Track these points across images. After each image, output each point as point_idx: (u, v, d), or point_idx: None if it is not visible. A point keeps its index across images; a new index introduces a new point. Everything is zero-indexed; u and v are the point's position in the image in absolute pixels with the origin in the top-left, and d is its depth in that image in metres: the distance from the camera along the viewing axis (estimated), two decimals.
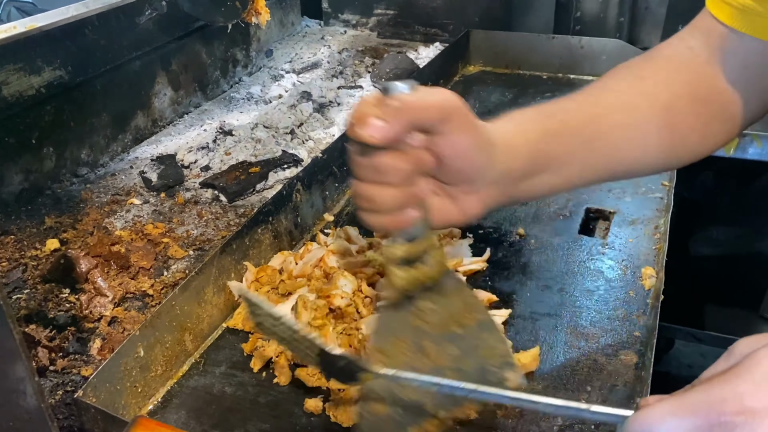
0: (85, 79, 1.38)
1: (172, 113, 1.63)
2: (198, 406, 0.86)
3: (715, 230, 2.03)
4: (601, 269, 1.07)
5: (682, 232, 1.99)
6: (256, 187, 1.23)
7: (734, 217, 1.96)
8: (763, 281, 1.87)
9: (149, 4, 1.25)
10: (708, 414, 0.44)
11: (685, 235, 2.03)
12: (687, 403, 0.45)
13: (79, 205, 1.22)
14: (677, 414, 0.45)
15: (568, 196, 1.27)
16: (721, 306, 2.00)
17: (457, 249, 1.09)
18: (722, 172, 1.84)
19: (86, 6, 1.09)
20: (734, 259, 1.96)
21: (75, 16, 1.06)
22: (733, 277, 1.94)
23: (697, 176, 1.90)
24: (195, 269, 0.94)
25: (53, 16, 1.06)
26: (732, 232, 2.03)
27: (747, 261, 1.94)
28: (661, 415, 0.46)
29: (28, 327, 0.91)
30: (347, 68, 1.81)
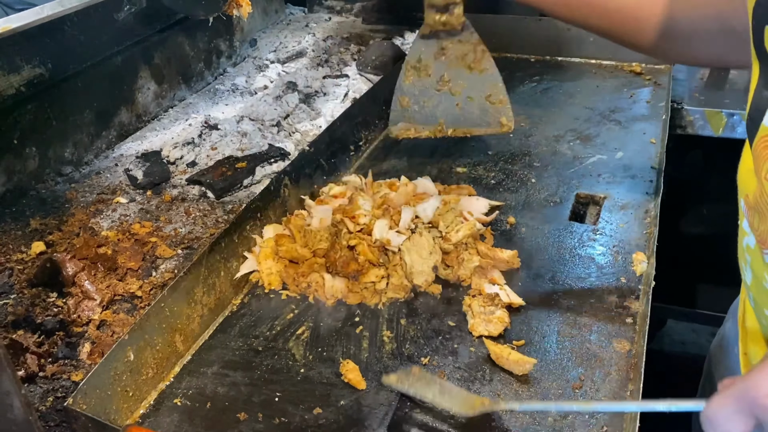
0: (65, 77, 1.36)
1: (156, 107, 1.61)
2: (191, 408, 0.85)
3: (705, 208, 2.03)
4: (593, 256, 1.07)
5: (672, 212, 1.99)
6: (243, 183, 1.21)
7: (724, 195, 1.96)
8: None
9: (128, 0, 1.23)
10: (746, 399, 0.52)
11: (675, 215, 2.03)
12: (731, 392, 0.53)
13: (65, 206, 1.20)
14: (725, 404, 0.53)
15: (558, 182, 1.27)
16: (713, 284, 2.00)
17: (472, 201, 1.14)
18: (711, 150, 1.83)
19: (61, 5, 1.06)
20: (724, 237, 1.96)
21: (51, 16, 1.03)
22: (724, 256, 1.94)
23: (687, 155, 1.90)
24: (184, 269, 0.93)
25: (29, 16, 1.03)
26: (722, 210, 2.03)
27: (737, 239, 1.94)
28: (717, 405, 0.54)
29: (16, 333, 0.90)
30: (332, 56, 1.79)
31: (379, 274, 0.95)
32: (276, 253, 0.99)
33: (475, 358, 0.89)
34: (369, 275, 0.94)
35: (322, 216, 1.01)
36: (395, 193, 1.07)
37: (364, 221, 0.98)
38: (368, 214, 0.99)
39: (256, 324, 0.98)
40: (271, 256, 0.99)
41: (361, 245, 0.96)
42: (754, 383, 0.51)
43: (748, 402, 0.51)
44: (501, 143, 1.42)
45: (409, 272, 0.97)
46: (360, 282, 0.95)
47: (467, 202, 1.09)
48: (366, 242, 0.96)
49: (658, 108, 1.51)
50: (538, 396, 0.83)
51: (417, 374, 0.81)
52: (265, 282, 0.99)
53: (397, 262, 0.97)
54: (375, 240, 0.97)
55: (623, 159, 1.32)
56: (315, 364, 0.90)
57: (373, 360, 0.90)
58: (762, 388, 0.51)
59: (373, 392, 0.85)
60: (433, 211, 1.02)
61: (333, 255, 0.96)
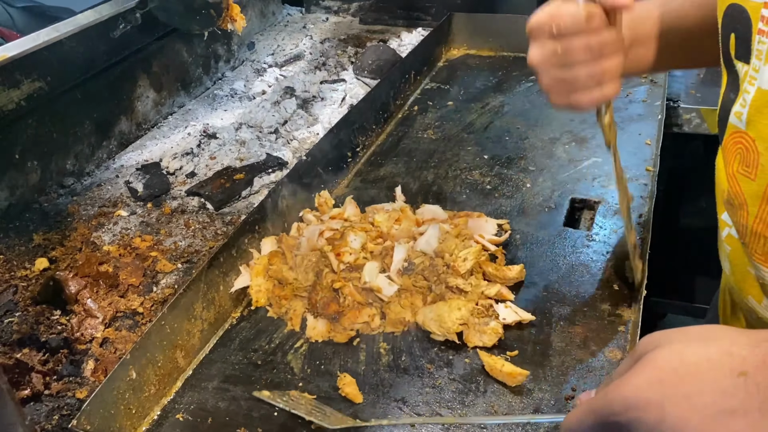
0: (65, 89, 1.38)
1: (156, 115, 1.63)
2: (192, 424, 0.87)
3: (704, 201, 2.04)
4: (586, 263, 1.08)
5: (672, 204, 2.00)
6: (241, 194, 1.23)
7: None
8: None
9: (123, 18, 1.24)
10: (602, 414, 0.51)
11: (675, 207, 2.04)
12: (590, 406, 0.53)
13: (67, 219, 1.22)
14: (582, 417, 0.53)
15: (553, 186, 1.28)
16: (711, 277, 2.01)
17: (481, 224, 1.12)
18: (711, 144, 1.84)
19: (57, 30, 1.08)
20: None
21: (47, 41, 1.05)
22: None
23: (687, 147, 1.90)
24: (183, 285, 0.95)
25: (25, 43, 1.05)
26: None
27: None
28: (575, 418, 0.54)
29: (21, 352, 0.92)
30: (330, 59, 1.80)
31: (370, 313, 0.96)
32: (266, 271, 1.00)
33: (470, 369, 0.91)
34: (361, 315, 0.95)
35: (309, 237, 1.02)
36: (397, 227, 1.05)
37: (348, 260, 0.97)
38: (355, 252, 0.98)
39: (255, 337, 1.00)
40: (262, 273, 1.00)
41: (346, 287, 0.96)
42: (612, 400, 0.51)
43: (605, 418, 0.51)
44: (497, 146, 1.43)
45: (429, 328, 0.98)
46: (346, 322, 0.95)
47: (476, 225, 1.09)
48: (353, 282, 0.96)
49: (654, 107, 1.52)
50: (530, 408, 0.85)
51: (293, 394, 0.88)
52: (253, 298, 1.01)
53: (393, 299, 0.98)
54: (364, 282, 0.96)
55: None
56: (313, 378, 0.92)
57: (369, 373, 0.92)
58: (618, 404, 0.50)
59: (370, 405, 0.87)
60: (436, 241, 1.02)
61: (314, 296, 0.96)
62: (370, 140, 1.47)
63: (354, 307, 0.95)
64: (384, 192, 1.31)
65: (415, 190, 1.31)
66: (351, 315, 0.94)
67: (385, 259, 0.98)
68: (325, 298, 0.94)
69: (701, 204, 2.06)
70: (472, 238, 1.05)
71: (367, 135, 1.46)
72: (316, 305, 0.96)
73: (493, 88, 1.70)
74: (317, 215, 1.13)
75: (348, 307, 0.95)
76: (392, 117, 1.58)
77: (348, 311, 0.95)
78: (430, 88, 1.72)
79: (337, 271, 0.97)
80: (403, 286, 0.96)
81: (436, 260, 1.00)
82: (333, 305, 0.94)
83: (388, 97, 1.56)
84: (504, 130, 1.50)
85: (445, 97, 1.67)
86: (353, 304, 0.95)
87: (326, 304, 0.94)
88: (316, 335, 0.96)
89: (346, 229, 1.00)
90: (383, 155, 1.44)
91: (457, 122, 1.55)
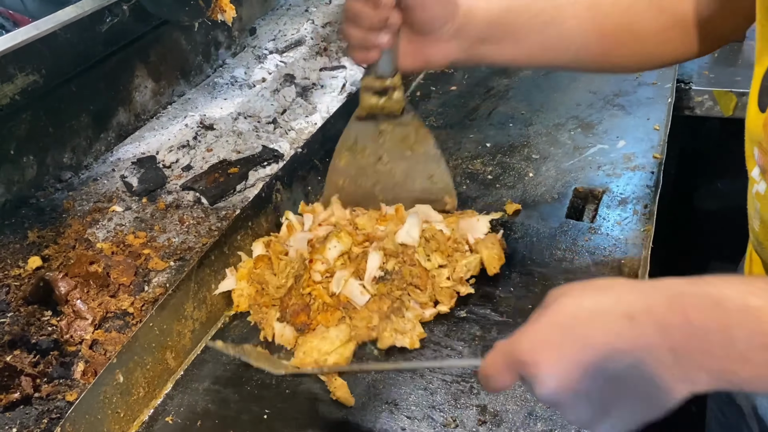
0: (60, 82, 1.35)
1: (155, 105, 1.61)
2: (182, 427, 0.86)
3: (720, 183, 1.98)
4: (588, 257, 1.05)
5: (686, 187, 1.94)
6: (236, 188, 1.21)
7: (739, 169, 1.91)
8: None
9: (109, 12, 1.21)
10: (511, 356, 0.58)
11: (689, 190, 1.99)
12: (500, 349, 0.60)
13: (62, 216, 1.21)
14: (495, 359, 0.60)
15: (557, 175, 1.24)
16: (726, 262, 1.97)
17: (473, 224, 1.08)
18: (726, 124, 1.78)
19: (37, 28, 1.05)
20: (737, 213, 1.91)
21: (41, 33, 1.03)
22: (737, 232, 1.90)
23: (701, 128, 1.85)
24: (173, 286, 0.94)
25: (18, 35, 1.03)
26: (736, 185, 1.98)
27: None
28: (489, 362, 0.60)
29: (12, 354, 0.92)
30: (331, 44, 1.76)
31: (339, 317, 0.93)
32: (250, 275, 0.98)
33: (462, 370, 0.89)
34: (332, 319, 0.92)
35: (297, 246, 0.99)
36: (382, 228, 1.02)
37: (319, 268, 0.94)
38: (326, 261, 0.95)
39: (248, 337, 0.98)
40: (246, 277, 0.98)
41: (315, 290, 0.93)
42: (518, 342, 0.57)
43: (512, 358, 0.57)
44: (500, 134, 1.39)
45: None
46: (311, 332, 0.93)
47: (466, 225, 1.05)
48: (322, 285, 0.94)
49: (664, 90, 1.47)
50: (524, 411, 0.82)
51: (246, 347, 0.89)
52: (234, 302, 0.99)
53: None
54: (331, 293, 0.93)
55: (625, 148, 1.29)
56: (304, 380, 0.90)
57: (361, 374, 0.90)
58: (523, 345, 0.57)
59: (361, 408, 0.85)
60: (418, 231, 0.99)
61: (287, 300, 0.94)
62: None
63: (324, 310, 0.93)
64: None
65: None
66: (321, 318, 0.92)
67: (361, 264, 0.95)
68: (296, 305, 0.92)
69: (716, 186, 2.00)
70: (464, 240, 1.02)
71: None
72: (286, 310, 0.94)
73: (498, 71, 1.65)
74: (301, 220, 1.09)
75: (317, 311, 0.93)
76: None
77: (317, 316, 0.92)
78: (434, 72, 1.68)
79: (315, 279, 0.94)
80: (378, 293, 0.93)
81: (412, 269, 0.96)
82: (302, 315, 0.91)
83: None
84: (508, 116, 1.46)
85: (449, 82, 1.63)
86: (323, 307, 0.93)
87: (296, 312, 0.92)
88: (284, 342, 0.94)
89: (329, 235, 0.97)
90: None
91: (460, 108, 1.51)
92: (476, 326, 0.95)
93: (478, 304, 0.98)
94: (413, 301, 0.96)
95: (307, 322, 0.92)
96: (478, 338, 0.93)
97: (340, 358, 0.90)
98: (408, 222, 1.01)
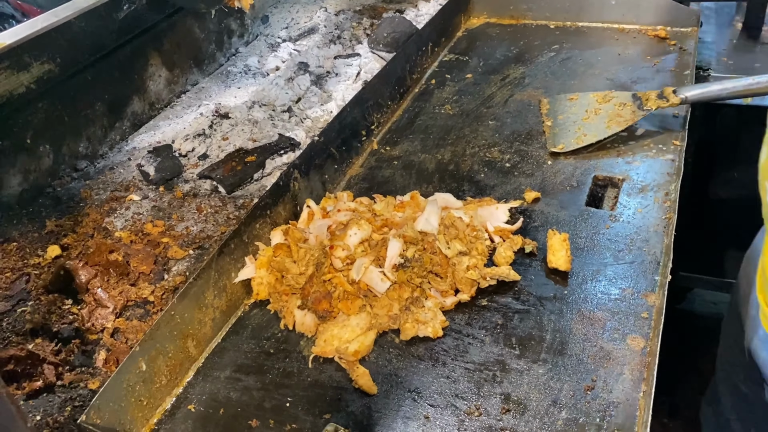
0: (75, 71, 1.35)
1: (169, 94, 1.60)
2: (204, 414, 0.86)
3: (735, 171, 1.96)
4: (608, 245, 1.04)
5: (701, 175, 1.92)
6: (253, 177, 1.21)
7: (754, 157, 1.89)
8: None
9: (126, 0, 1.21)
10: None
11: (704, 178, 1.97)
12: None
13: (79, 205, 1.21)
14: None
15: (576, 163, 1.23)
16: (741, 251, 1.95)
17: (492, 211, 1.09)
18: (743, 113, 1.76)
19: (56, 15, 1.05)
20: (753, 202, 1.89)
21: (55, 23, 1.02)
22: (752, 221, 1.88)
23: (717, 116, 1.83)
24: (193, 274, 0.94)
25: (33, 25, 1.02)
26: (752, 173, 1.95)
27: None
28: None
29: (34, 342, 0.92)
30: (345, 32, 1.75)
31: (361, 304, 0.93)
32: (270, 263, 0.98)
33: (486, 358, 0.88)
34: (353, 307, 0.92)
35: (317, 233, 0.99)
36: (400, 215, 1.02)
37: (340, 255, 0.94)
38: (347, 248, 0.95)
39: (268, 325, 0.98)
40: (266, 265, 0.98)
41: (336, 278, 0.93)
42: None
43: None
44: (517, 122, 1.38)
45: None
46: (334, 320, 0.93)
47: (486, 213, 1.05)
48: (343, 273, 0.93)
49: (682, 77, 1.45)
50: (548, 399, 0.82)
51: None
52: (254, 291, 0.99)
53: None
54: (352, 281, 0.93)
55: (644, 136, 1.28)
56: (325, 368, 0.90)
57: (383, 362, 0.90)
58: None
59: (383, 397, 0.85)
60: (437, 218, 0.99)
61: (308, 288, 0.93)
62: (385, 117, 1.43)
63: (345, 297, 0.92)
64: (399, 172, 1.27)
65: (431, 169, 1.27)
66: (342, 306, 0.92)
67: (381, 252, 0.95)
68: (317, 293, 0.92)
69: (732, 175, 1.98)
70: (483, 227, 1.01)
71: (382, 112, 1.42)
72: (307, 298, 0.93)
73: (513, 58, 1.64)
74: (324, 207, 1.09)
75: (338, 299, 0.92)
76: (408, 92, 1.53)
77: (338, 303, 0.92)
78: (449, 60, 1.67)
79: (336, 267, 0.94)
80: (398, 281, 0.93)
81: (433, 257, 0.96)
82: (324, 303, 0.91)
83: (404, 71, 1.51)
84: (525, 103, 1.45)
85: (464, 70, 1.61)
86: (343, 295, 0.92)
87: (317, 299, 0.92)
88: (305, 330, 0.94)
89: (350, 222, 0.96)
90: (399, 133, 1.40)
91: (475, 96, 1.50)
92: (498, 314, 0.94)
93: (499, 292, 0.98)
94: (433, 290, 0.96)
95: (329, 309, 0.91)
96: (500, 327, 0.92)
97: (361, 346, 0.90)
98: (427, 209, 1.01)
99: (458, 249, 0.98)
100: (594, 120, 1.29)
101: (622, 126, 1.25)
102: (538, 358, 0.87)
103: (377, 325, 0.92)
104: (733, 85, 1.21)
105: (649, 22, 1.67)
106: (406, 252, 0.96)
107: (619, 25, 1.70)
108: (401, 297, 0.93)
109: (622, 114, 1.27)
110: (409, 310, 0.93)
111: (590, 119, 1.30)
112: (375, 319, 0.92)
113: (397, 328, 0.93)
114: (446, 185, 1.21)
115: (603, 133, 1.25)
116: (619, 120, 1.26)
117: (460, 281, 0.96)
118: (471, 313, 0.95)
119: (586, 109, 1.33)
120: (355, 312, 0.92)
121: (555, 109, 1.37)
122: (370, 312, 0.93)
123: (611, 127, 1.26)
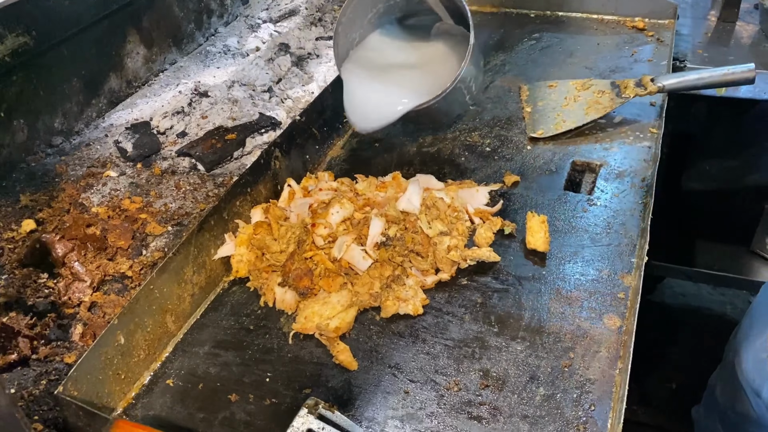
0: (51, 44, 1.32)
1: (146, 72, 1.58)
2: (183, 389, 0.86)
3: (707, 164, 2.00)
4: (586, 227, 1.05)
5: (674, 167, 1.96)
6: (233, 155, 1.20)
7: (727, 149, 1.93)
8: (753, 216, 1.86)
9: None
10: None
11: (677, 170, 2.00)
12: None
13: (55, 180, 1.19)
14: None
15: (555, 148, 1.24)
16: (712, 241, 2.00)
17: (472, 194, 1.09)
18: (716, 105, 1.80)
19: None
20: (725, 194, 1.94)
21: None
22: (724, 212, 1.93)
23: (690, 109, 1.86)
24: (173, 249, 0.93)
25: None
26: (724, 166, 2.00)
27: (737, 196, 1.92)
28: None
29: (8, 315, 0.90)
30: (326, 14, 1.74)
31: (341, 282, 0.93)
32: (250, 241, 0.98)
33: (464, 335, 0.89)
34: (334, 284, 0.92)
35: (298, 212, 0.99)
36: (382, 194, 1.02)
37: (322, 233, 0.94)
38: (329, 226, 0.95)
39: (248, 302, 0.98)
40: (245, 243, 0.97)
41: (318, 255, 0.93)
42: None
43: None
44: (497, 107, 1.39)
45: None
46: (315, 295, 0.93)
47: (467, 195, 1.05)
48: (324, 251, 0.94)
49: (659, 67, 1.47)
50: (526, 375, 0.83)
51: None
52: (233, 268, 0.99)
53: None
54: (333, 258, 0.94)
55: (622, 123, 1.29)
56: (306, 344, 0.90)
57: (363, 338, 0.90)
58: None
59: (364, 372, 0.86)
60: (419, 198, 0.99)
61: (289, 265, 0.93)
62: None
63: (326, 275, 0.92)
64: (381, 154, 1.28)
65: (412, 152, 1.27)
66: (323, 283, 0.92)
67: (363, 230, 0.95)
68: (298, 270, 0.92)
69: (704, 167, 2.03)
70: (464, 209, 1.02)
71: None
72: (288, 275, 0.93)
73: (494, 45, 1.64)
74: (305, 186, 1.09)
75: (319, 276, 0.92)
76: None
77: (319, 281, 0.92)
78: None
79: (318, 244, 0.94)
80: (379, 259, 0.93)
81: (414, 236, 0.96)
82: (305, 280, 0.91)
83: None
84: (505, 90, 1.46)
85: None
86: (325, 273, 0.92)
87: (298, 276, 0.91)
88: (285, 307, 0.94)
89: (332, 200, 0.96)
90: None
91: None
92: (477, 293, 0.95)
93: (479, 272, 0.98)
94: (414, 269, 0.96)
95: (310, 286, 0.91)
96: (480, 305, 0.93)
97: (342, 323, 0.90)
98: (409, 189, 1.01)
99: (439, 229, 0.98)
100: (573, 107, 1.30)
101: (601, 113, 1.27)
102: (516, 336, 0.88)
103: (358, 302, 0.93)
104: (710, 75, 1.24)
105: (627, 13, 1.69)
106: (387, 231, 0.96)
107: (599, 16, 1.72)
108: (382, 275, 0.94)
109: (600, 101, 1.29)
110: (390, 288, 0.93)
111: (569, 106, 1.31)
112: (356, 297, 0.93)
113: (378, 306, 0.93)
114: (427, 168, 1.21)
115: (582, 119, 1.27)
116: (598, 107, 1.28)
117: (440, 261, 0.97)
118: (451, 291, 0.96)
119: (565, 96, 1.34)
120: (336, 289, 0.92)
121: (535, 96, 1.38)
122: (351, 289, 0.93)
123: (590, 114, 1.27)
